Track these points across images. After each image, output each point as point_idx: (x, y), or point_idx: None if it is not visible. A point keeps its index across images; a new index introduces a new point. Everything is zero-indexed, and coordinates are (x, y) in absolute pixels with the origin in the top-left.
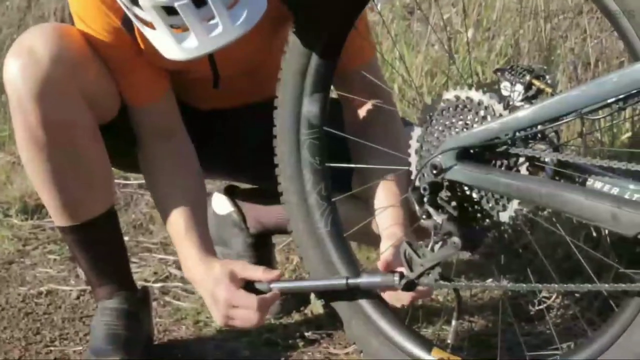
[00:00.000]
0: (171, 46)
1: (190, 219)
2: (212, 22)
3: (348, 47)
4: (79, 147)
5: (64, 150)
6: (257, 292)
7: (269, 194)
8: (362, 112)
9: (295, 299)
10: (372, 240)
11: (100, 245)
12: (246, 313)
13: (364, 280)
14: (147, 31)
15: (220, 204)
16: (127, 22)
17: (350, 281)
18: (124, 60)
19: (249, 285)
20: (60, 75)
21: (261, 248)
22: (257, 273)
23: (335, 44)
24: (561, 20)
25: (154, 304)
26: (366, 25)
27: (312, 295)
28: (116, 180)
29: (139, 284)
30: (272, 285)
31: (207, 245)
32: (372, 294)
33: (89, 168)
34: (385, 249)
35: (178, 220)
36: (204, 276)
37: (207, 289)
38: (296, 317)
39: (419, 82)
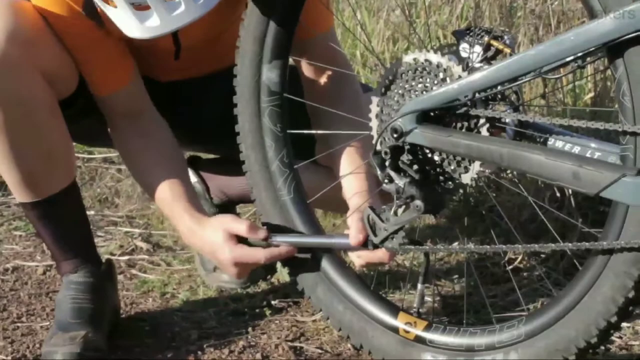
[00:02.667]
0: (132, 25)
1: (174, 186)
2: (174, 0)
3: (309, 16)
4: (37, 124)
5: (22, 127)
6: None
7: (231, 164)
8: (320, 79)
9: (262, 268)
10: (337, 206)
11: (62, 220)
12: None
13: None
14: (108, 9)
15: None
16: (88, 7)
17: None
18: (86, 47)
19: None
20: (16, 52)
21: None
22: (243, 229)
23: (293, 9)
24: None
25: (121, 277)
26: None
27: (278, 264)
28: (80, 155)
29: (105, 257)
30: (274, 240)
31: (196, 207)
32: (336, 259)
33: (48, 144)
34: (350, 217)
35: (164, 192)
36: (200, 244)
37: (209, 254)
38: (262, 285)
39: (380, 48)
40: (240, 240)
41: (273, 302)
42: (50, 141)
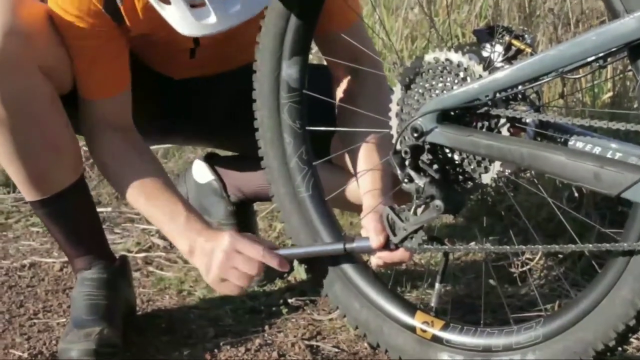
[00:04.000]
0: (188, 23)
1: (179, 202)
2: None
3: (331, 12)
4: (39, 119)
5: (25, 123)
6: None
7: (248, 161)
8: (349, 79)
9: None
10: (354, 206)
11: (72, 216)
12: (247, 262)
13: (359, 244)
14: (162, 7)
15: (201, 173)
16: (108, 5)
17: (348, 246)
18: (95, 47)
19: None
20: (14, 47)
21: (242, 216)
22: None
23: (313, 5)
24: None
25: (137, 274)
26: None
27: (295, 262)
28: None
29: (122, 254)
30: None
31: (196, 213)
32: (354, 257)
33: (53, 140)
34: (365, 218)
35: (165, 207)
36: (206, 236)
37: (209, 245)
38: (279, 284)
39: (399, 46)
40: None
41: (290, 301)
42: (54, 135)
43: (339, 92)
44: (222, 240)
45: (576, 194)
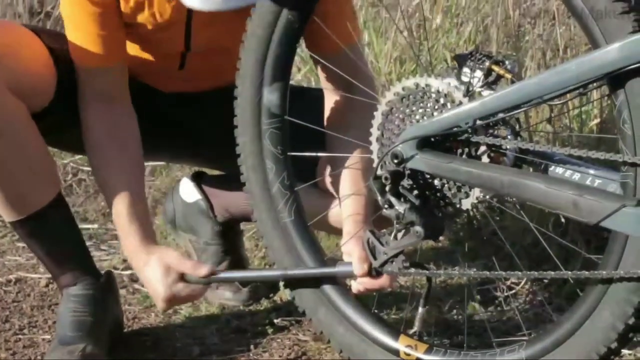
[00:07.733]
0: None
1: (132, 198)
2: None
3: (335, 30)
4: (13, 139)
5: None
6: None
7: (236, 181)
8: (341, 104)
9: (265, 286)
10: (338, 230)
11: (53, 234)
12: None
13: (341, 269)
14: None
15: (188, 192)
16: None
17: (290, 272)
18: (108, 20)
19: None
20: None
21: (229, 235)
22: (187, 266)
23: (294, 31)
24: (530, 6)
25: (123, 291)
26: (352, 9)
27: (281, 282)
28: (85, 168)
29: (108, 270)
30: (218, 276)
31: (147, 232)
32: (338, 282)
33: (28, 158)
34: (344, 243)
35: (121, 201)
36: (142, 269)
37: (147, 282)
38: (265, 304)
39: (387, 69)
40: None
41: (275, 320)
42: (30, 155)
43: (330, 111)
44: (157, 286)
45: (562, 220)
